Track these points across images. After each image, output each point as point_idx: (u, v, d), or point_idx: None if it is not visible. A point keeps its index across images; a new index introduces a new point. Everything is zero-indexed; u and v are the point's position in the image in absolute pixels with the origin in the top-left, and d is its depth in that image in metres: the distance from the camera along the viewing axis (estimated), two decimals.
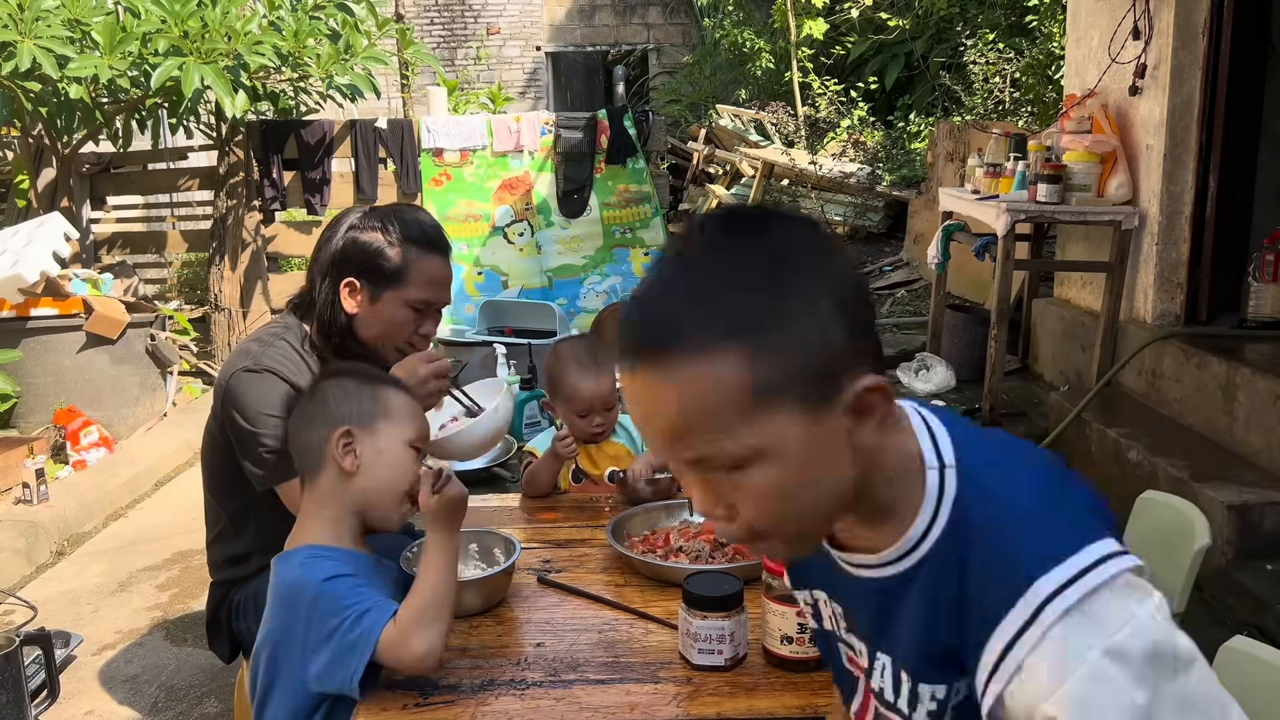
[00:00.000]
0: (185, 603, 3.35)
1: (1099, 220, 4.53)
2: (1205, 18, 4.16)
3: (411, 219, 2.05)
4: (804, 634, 1.40)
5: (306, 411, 1.59)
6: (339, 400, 1.57)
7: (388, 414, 1.58)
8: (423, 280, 2.01)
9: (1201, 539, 2.13)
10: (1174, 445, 3.75)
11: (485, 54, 13.40)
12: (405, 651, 1.35)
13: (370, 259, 1.99)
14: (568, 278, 6.14)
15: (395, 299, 2.00)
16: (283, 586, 1.46)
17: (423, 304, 2.03)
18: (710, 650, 1.41)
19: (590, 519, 2.03)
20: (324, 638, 1.38)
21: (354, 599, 1.40)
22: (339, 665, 1.37)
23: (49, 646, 2.41)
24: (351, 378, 1.62)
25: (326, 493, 1.53)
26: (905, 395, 4.67)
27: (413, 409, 1.63)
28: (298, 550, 1.49)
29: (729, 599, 1.41)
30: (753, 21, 11.66)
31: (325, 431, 1.53)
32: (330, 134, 5.95)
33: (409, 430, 1.59)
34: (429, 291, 2.03)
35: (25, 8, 4.47)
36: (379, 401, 1.58)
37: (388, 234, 2.00)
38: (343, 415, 1.55)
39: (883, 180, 8.81)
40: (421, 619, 1.37)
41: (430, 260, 2.03)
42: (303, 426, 1.58)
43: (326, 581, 1.41)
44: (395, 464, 1.55)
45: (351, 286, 1.99)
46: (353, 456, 1.52)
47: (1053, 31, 8.11)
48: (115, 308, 4.65)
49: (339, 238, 2.01)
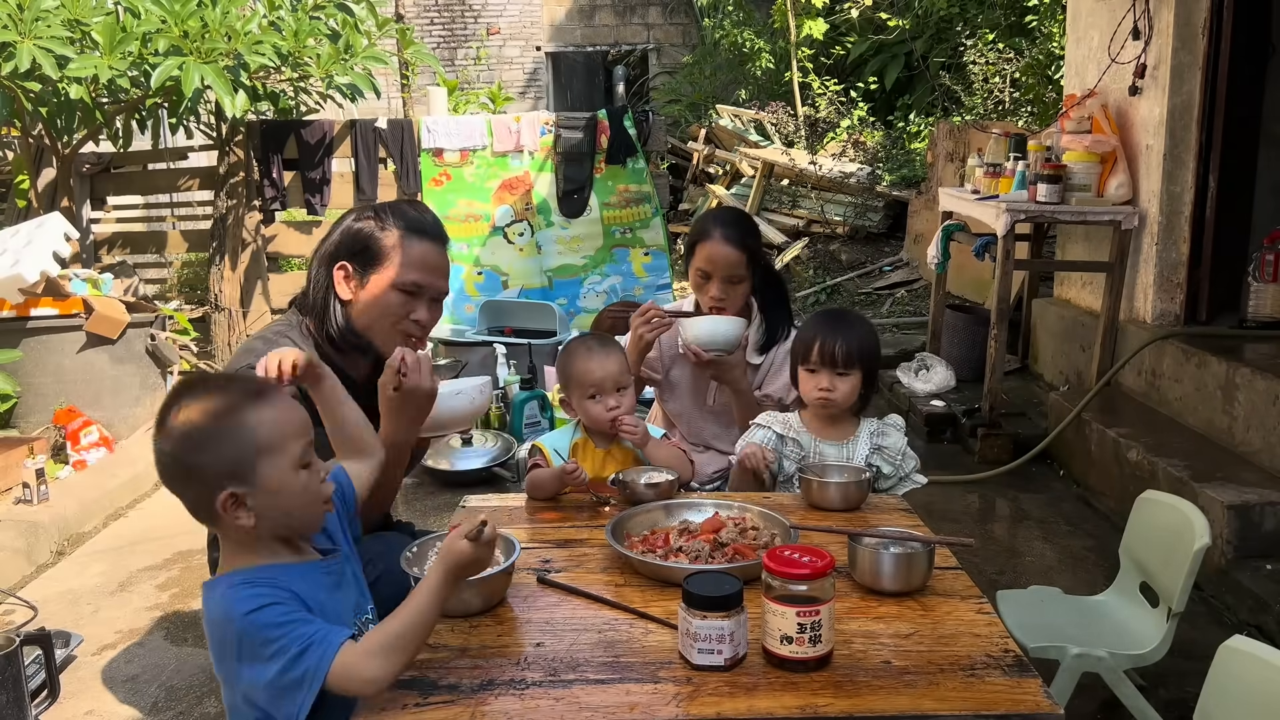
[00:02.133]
0: (185, 603, 3.35)
1: (1099, 220, 4.53)
2: (1205, 18, 4.16)
3: (407, 208, 2.09)
4: (804, 634, 1.40)
5: (167, 470, 1.43)
6: (197, 454, 1.39)
7: (259, 450, 1.40)
8: (410, 262, 2.02)
9: (1201, 539, 2.13)
10: (1174, 445, 3.75)
11: (485, 54, 13.40)
12: (355, 673, 1.32)
13: (361, 242, 2.03)
14: (568, 278, 6.14)
15: (382, 280, 2.02)
16: (208, 620, 1.40)
17: (411, 286, 2.03)
18: (710, 650, 1.41)
19: (590, 519, 2.03)
20: (260, 670, 1.33)
21: (284, 635, 1.33)
22: (282, 701, 1.33)
23: (49, 646, 2.41)
24: (202, 419, 1.40)
25: (238, 538, 1.44)
26: (905, 395, 4.66)
27: (285, 422, 1.43)
28: (219, 580, 1.42)
29: (729, 599, 1.41)
30: (753, 21, 11.66)
31: (200, 491, 1.40)
32: (330, 134, 5.95)
33: (294, 449, 1.42)
34: (416, 273, 2.03)
35: (25, 8, 4.47)
36: (244, 442, 1.39)
37: (381, 220, 2.05)
38: (213, 474, 1.38)
39: (883, 180, 8.81)
40: (384, 647, 1.34)
41: (419, 243, 2.04)
42: (175, 486, 1.44)
43: (248, 615, 1.34)
44: (295, 490, 1.43)
45: (345, 270, 2.03)
46: (244, 512, 1.40)
47: (1053, 31, 8.11)
48: (115, 308, 4.65)
49: (338, 231, 2.07)
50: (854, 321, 2.31)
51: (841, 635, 1.51)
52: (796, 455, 2.30)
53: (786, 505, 2.05)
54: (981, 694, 1.36)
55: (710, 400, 2.75)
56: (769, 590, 1.44)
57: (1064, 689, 2.21)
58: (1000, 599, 2.48)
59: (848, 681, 1.39)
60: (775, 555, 1.46)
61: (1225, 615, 3.09)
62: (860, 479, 2.07)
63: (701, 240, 2.60)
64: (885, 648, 1.48)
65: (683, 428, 2.82)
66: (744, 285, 2.60)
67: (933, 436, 4.89)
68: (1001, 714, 1.32)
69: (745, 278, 2.59)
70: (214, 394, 1.43)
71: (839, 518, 2.00)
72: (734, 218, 2.68)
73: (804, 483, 2.09)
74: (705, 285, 2.60)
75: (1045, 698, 1.35)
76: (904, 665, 1.43)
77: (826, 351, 2.23)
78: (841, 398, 2.24)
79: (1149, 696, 2.36)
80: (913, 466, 2.31)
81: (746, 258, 2.57)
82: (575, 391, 2.24)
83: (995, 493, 4.24)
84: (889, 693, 1.36)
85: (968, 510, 4.10)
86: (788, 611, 1.40)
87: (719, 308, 2.59)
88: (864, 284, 8.19)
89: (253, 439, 1.40)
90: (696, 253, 2.61)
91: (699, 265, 2.61)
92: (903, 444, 2.30)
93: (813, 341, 2.26)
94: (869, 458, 2.27)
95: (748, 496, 2.18)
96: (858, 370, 2.24)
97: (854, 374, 2.24)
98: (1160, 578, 2.28)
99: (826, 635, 1.42)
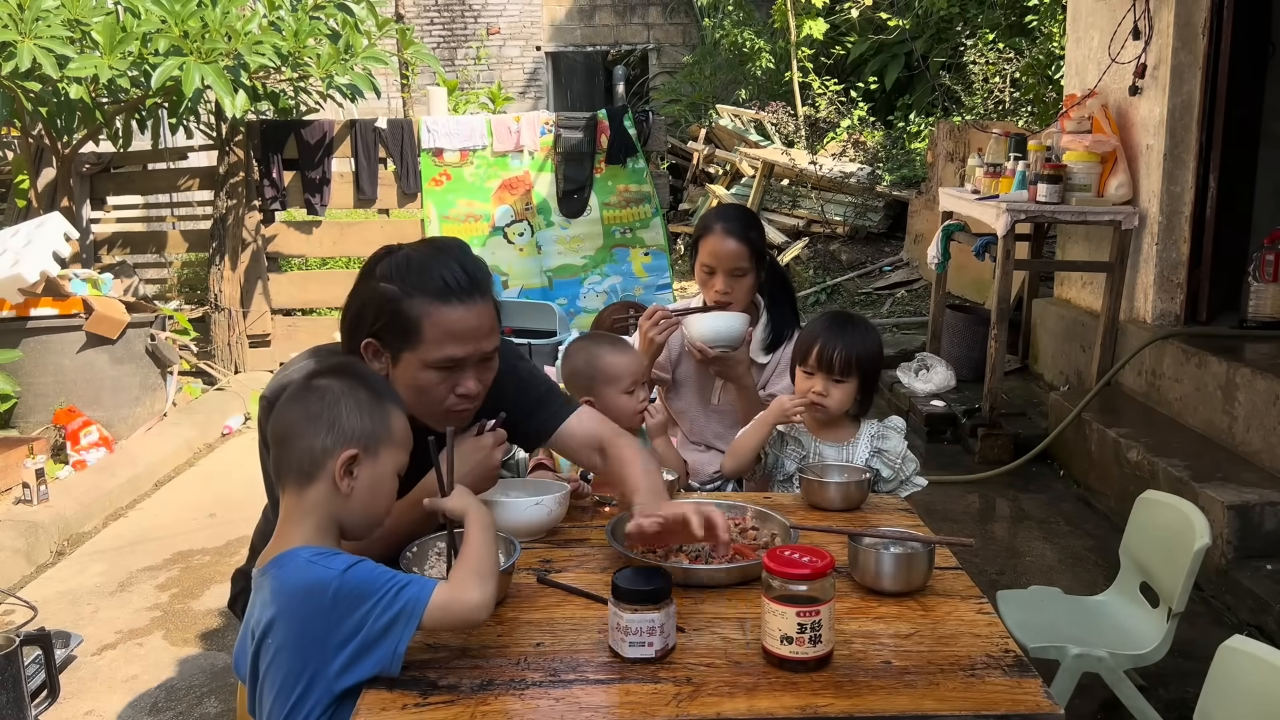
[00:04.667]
0: (185, 603, 3.35)
1: (1099, 220, 4.53)
2: (1205, 18, 4.16)
3: (433, 262, 1.74)
4: (804, 634, 1.40)
5: (311, 409, 1.49)
6: (351, 412, 1.49)
7: (391, 438, 1.52)
8: (440, 335, 1.71)
9: (1201, 539, 2.13)
10: (1174, 445, 3.75)
11: (485, 54, 13.40)
12: (460, 601, 1.40)
13: (385, 316, 1.72)
14: (568, 278, 6.14)
15: (414, 361, 1.73)
16: (291, 588, 1.40)
17: (447, 362, 1.73)
18: (641, 643, 1.43)
19: (590, 519, 2.03)
20: (353, 626, 1.37)
21: (385, 579, 1.40)
22: (374, 646, 1.37)
23: (49, 646, 2.41)
24: (364, 387, 1.52)
25: (315, 503, 1.48)
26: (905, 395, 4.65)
27: (407, 435, 1.56)
28: (298, 551, 1.43)
29: (658, 592, 1.43)
30: (753, 21, 11.66)
31: (330, 444, 1.47)
32: (330, 134, 5.95)
33: (402, 457, 1.55)
34: (450, 347, 1.72)
35: (25, 8, 4.47)
36: (387, 423, 1.52)
37: (404, 284, 1.71)
38: (353, 432, 1.48)
39: (883, 180, 8.81)
40: (475, 576, 1.43)
41: (447, 311, 1.71)
42: (305, 424, 1.48)
43: (347, 571, 1.39)
44: (385, 492, 1.53)
45: (372, 349, 1.75)
46: (350, 479, 1.48)
47: (1053, 31, 8.11)
48: (115, 308, 4.65)
49: (364, 288, 1.76)
50: (858, 327, 2.30)
51: (841, 635, 1.51)
52: (796, 455, 2.30)
53: (786, 505, 2.05)
54: (981, 694, 1.36)
55: (715, 398, 2.76)
56: (769, 590, 1.43)
57: (1064, 689, 2.21)
58: (1000, 599, 2.48)
59: (848, 681, 1.39)
60: (775, 555, 1.46)
61: (1225, 615, 3.09)
62: (860, 479, 2.07)
63: (704, 236, 2.63)
64: (885, 648, 1.48)
65: (685, 426, 2.82)
66: (748, 279, 2.61)
67: (933, 437, 4.89)
68: (1001, 714, 1.32)
69: (749, 271, 2.60)
70: (374, 376, 1.59)
71: (839, 518, 2.00)
72: (736, 213, 2.70)
73: (804, 483, 2.09)
74: (710, 280, 2.62)
75: (1045, 698, 1.35)
76: (904, 665, 1.43)
77: (825, 357, 2.23)
78: (834, 404, 2.24)
79: (1149, 696, 2.36)
80: (913, 470, 2.30)
81: (749, 250, 2.58)
82: (607, 387, 2.25)
83: (995, 493, 4.24)
84: (889, 693, 1.36)
85: (968, 510, 4.10)
86: (788, 611, 1.40)
87: (724, 302, 2.60)
88: (864, 284, 8.19)
89: (392, 427, 1.53)
90: (700, 249, 2.64)
91: (703, 260, 2.63)
92: (903, 447, 2.30)
93: (813, 344, 2.26)
94: (869, 461, 2.27)
95: (748, 496, 2.18)
96: (854, 378, 2.24)
97: (850, 382, 2.24)
98: (1160, 578, 2.28)
99: (827, 635, 1.42)
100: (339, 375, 1.53)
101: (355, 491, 1.49)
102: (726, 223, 2.60)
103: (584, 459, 2.02)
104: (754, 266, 2.61)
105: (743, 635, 1.52)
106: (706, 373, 2.70)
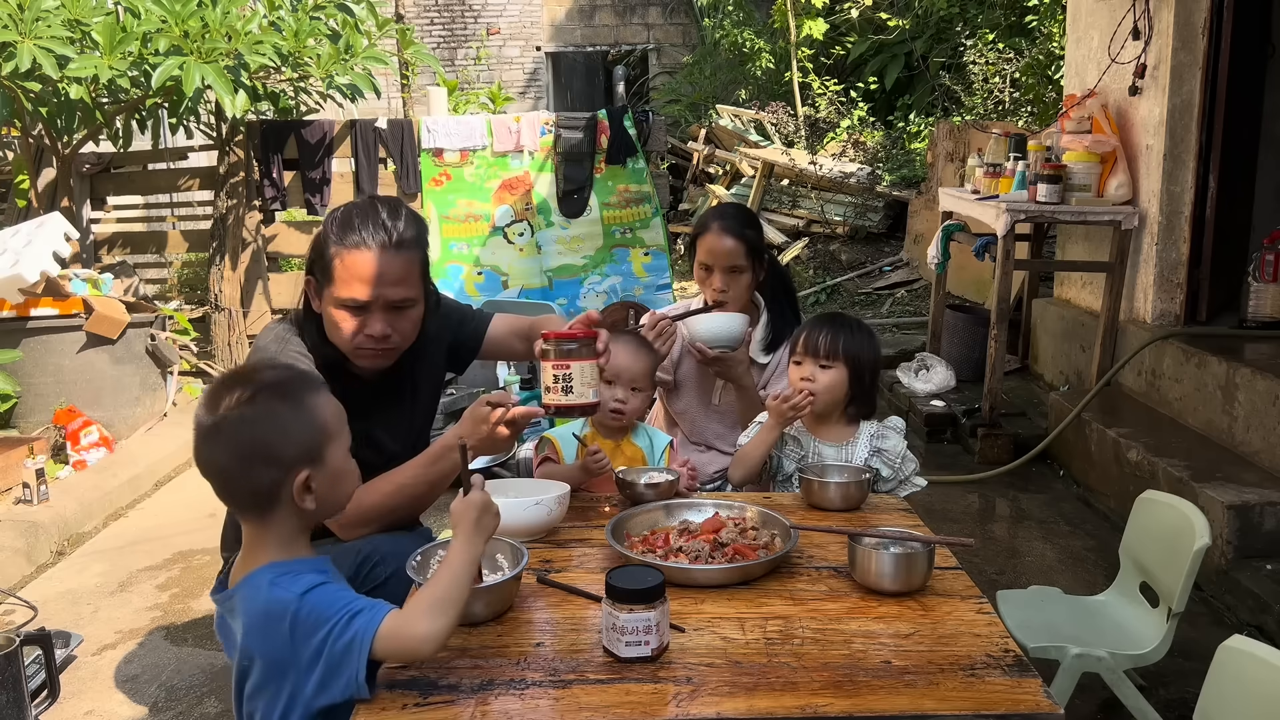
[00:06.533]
0: (185, 603, 3.35)
1: (1099, 220, 4.53)
2: (1205, 18, 4.16)
3: (357, 212, 1.88)
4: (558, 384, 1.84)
5: (240, 447, 1.41)
6: (280, 435, 1.41)
7: (329, 435, 1.46)
8: (347, 276, 1.85)
9: (1201, 539, 2.13)
10: (1174, 445, 3.75)
11: (485, 54, 13.40)
12: (406, 632, 1.34)
13: (317, 252, 1.90)
14: (568, 278, 6.14)
15: (330, 298, 1.89)
16: (256, 612, 1.40)
17: (352, 302, 1.85)
18: (638, 642, 1.43)
19: (590, 519, 2.03)
20: (314, 651, 1.35)
21: (339, 605, 1.37)
22: (337, 672, 1.34)
23: (49, 646, 2.41)
24: (277, 399, 1.43)
25: (279, 522, 1.45)
26: (905, 395, 4.65)
27: (339, 414, 1.50)
28: (261, 571, 1.42)
29: (652, 591, 1.44)
30: (753, 21, 11.67)
31: (276, 474, 1.41)
32: (330, 134, 5.95)
33: (346, 437, 1.50)
34: (351, 287, 1.84)
35: (25, 8, 4.47)
36: (318, 423, 1.45)
37: (332, 228, 1.88)
38: (293, 455, 1.41)
39: (883, 180, 8.81)
40: (430, 607, 1.37)
41: (356, 255, 1.84)
42: (238, 464, 1.41)
43: (305, 595, 1.37)
44: (346, 477, 1.50)
45: (311, 285, 1.92)
46: (309, 494, 1.43)
47: (1053, 31, 8.11)
48: (115, 308, 4.64)
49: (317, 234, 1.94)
50: (848, 322, 2.34)
51: (841, 635, 1.51)
52: (796, 455, 2.30)
53: (786, 505, 2.05)
54: (981, 694, 1.36)
55: (715, 399, 2.76)
56: (544, 355, 1.86)
57: (1064, 689, 2.21)
58: (1000, 599, 2.48)
59: (848, 681, 1.39)
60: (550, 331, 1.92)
61: (1225, 615, 3.09)
62: (860, 479, 2.07)
63: (702, 234, 2.65)
64: (885, 648, 1.48)
65: (686, 427, 2.82)
66: (746, 276, 2.62)
67: (933, 437, 4.89)
68: (1001, 714, 1.32)
69: (746, 268, 2.61)
70: (283, 380, 1.48)
71: (839, 518, 2.00)
72: (733, 211, 2.72)
73: (804, 483, 2.09)
74: (708, 278, 2.64)
75: (1045, 698, 1.35)
76: (904, 665, 1.43)
77: (811, 342, 2.27)
78: (821, 388, 2.24)
79: (1149, 696, 2.36)
80: (912, 470, 2.31)
81: (745, 248, 2.60)
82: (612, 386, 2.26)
83: (995, 493, 4.24)
84: (889, 693, 1.36)
85: (968, 510, 4.10)
86: (547, 366, 1.85)
87: (722, 300, 2.60)
88: (864, 284, 8.19)
89: (323, 423, 1.46)
90: (698, 247, 2.66)
91: (700, 259, 2.65)
92: (902, 447, 2.30)
93: (800, 335, 2.31)
94: (868, 461, 2.27)
95: (748, 496, 2.19)
96: (841, 365, 2.25)
97: (836, 367, 2.25)
98: (1160, 578, 2.28)
99: (579, 389, 1.85)
100: (250, 401, 1.42)
101: (319, 497, 1.45)
102: (723, 221, 2.62)
103: (513, 348, 2.33)
104: (751, 264, 2.62)
105: (743, 635, 1.52)
106: (707, 373, 2.70)
